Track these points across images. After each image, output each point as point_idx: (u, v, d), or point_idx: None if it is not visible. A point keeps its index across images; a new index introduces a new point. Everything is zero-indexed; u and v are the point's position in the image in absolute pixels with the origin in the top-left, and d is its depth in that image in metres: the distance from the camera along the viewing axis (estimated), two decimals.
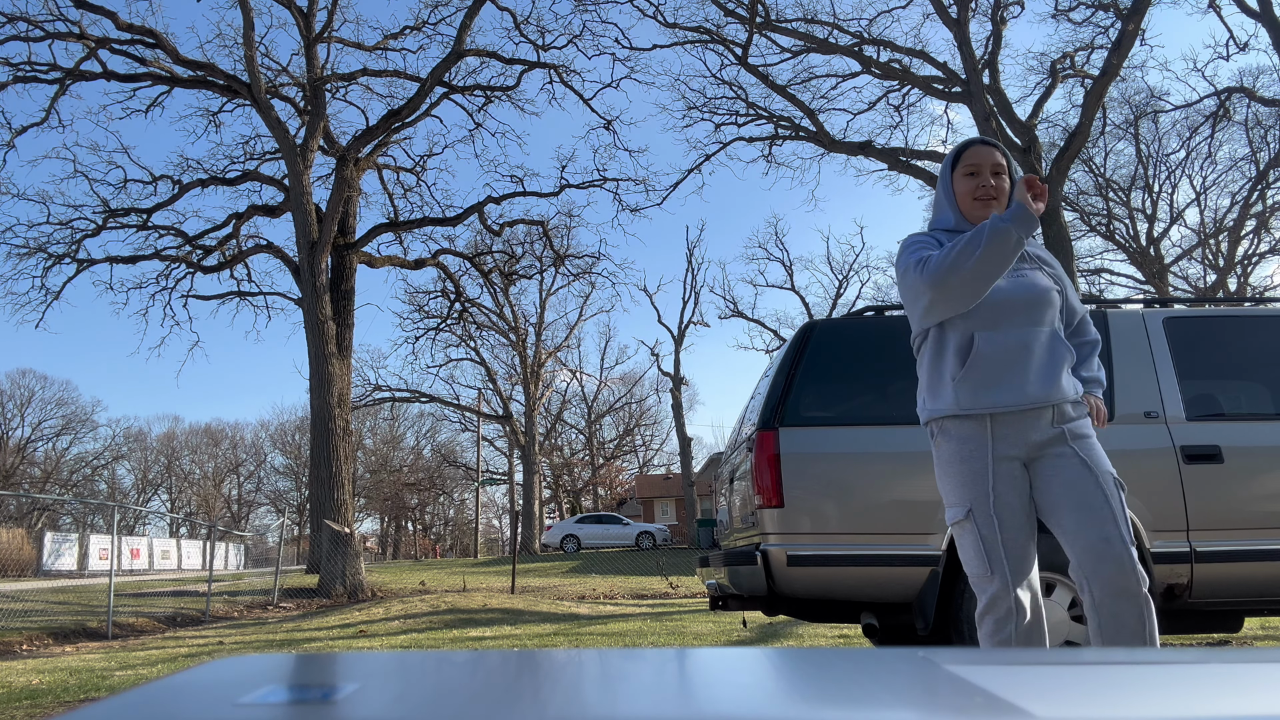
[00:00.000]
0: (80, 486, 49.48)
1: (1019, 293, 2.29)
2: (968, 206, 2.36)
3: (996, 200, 2.34)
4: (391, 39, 19.05)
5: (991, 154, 2.37)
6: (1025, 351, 2.26)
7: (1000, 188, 2.35)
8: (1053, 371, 2.27)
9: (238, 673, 0.59)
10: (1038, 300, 2.29)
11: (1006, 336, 2.27)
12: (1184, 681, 0.56)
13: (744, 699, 0.51)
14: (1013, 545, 2.24)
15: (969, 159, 2.37)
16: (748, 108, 20.18)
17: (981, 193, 2.33)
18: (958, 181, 2.39)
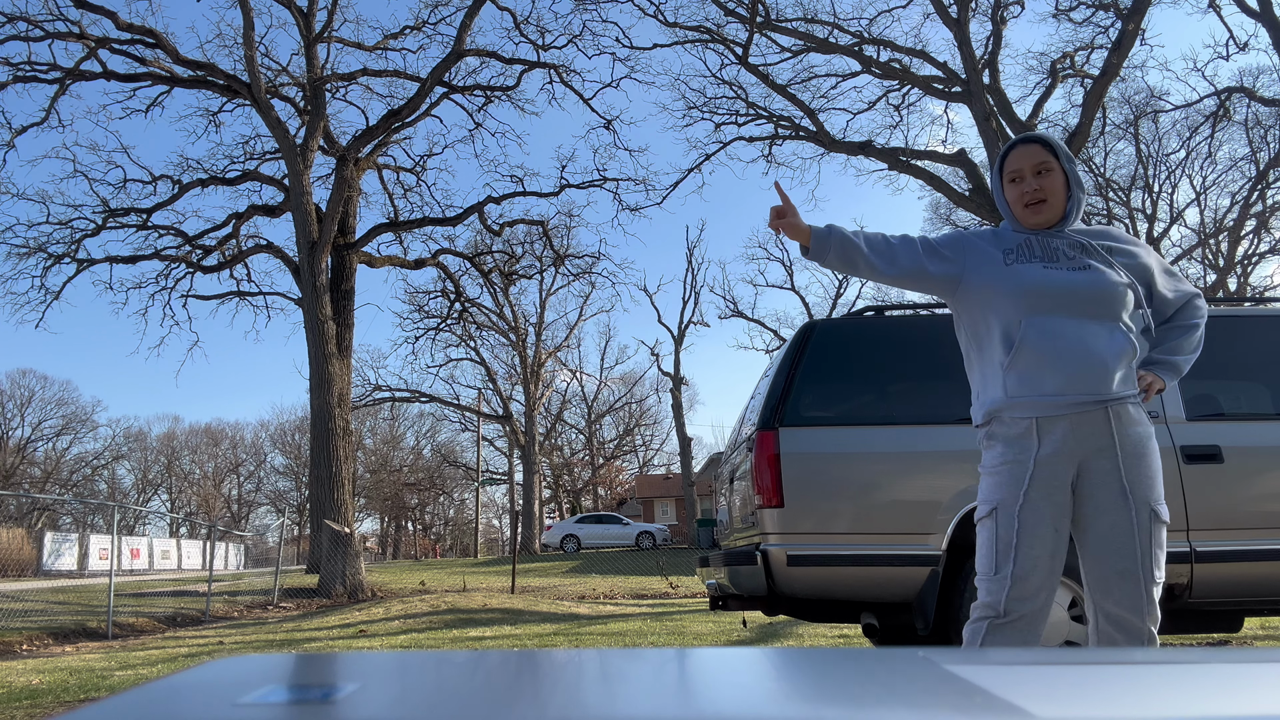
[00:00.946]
0: (80, 486, 49.48)
1: (1085, 285, 2.18)
2: (1020, 213, 2.30)
3: (1046, 201, 2.26)
4: (391, 39, 19.06)
5: (1031, 153, 2.29)
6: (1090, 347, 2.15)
7: (1049, 186, 2.26)
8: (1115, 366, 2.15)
9: (238, 673, 0.59)
10: (1096, 295, 2.17)
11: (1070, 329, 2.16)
12: (1184, 681, 0.56)
13: (744, 699, 0.51)
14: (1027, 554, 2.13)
15: (1010, 165, 2.32)
16: (748, 107, 20.18)
17: (1029, 198, 2.27)
18: (1006, 190, 2.34)
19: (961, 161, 17.66)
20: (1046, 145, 2.30)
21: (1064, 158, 2.30)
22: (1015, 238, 2.32)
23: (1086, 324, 2.17)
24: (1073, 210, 2.30)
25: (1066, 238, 2.28)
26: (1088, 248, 2.26)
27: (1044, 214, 2.27)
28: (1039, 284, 2.19)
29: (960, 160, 17.70)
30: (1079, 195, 2.31)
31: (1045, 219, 2.28)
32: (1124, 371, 2.18)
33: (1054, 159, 2.29)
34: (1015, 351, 2.18)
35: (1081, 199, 2.33)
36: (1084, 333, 2.16)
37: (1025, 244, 2.29)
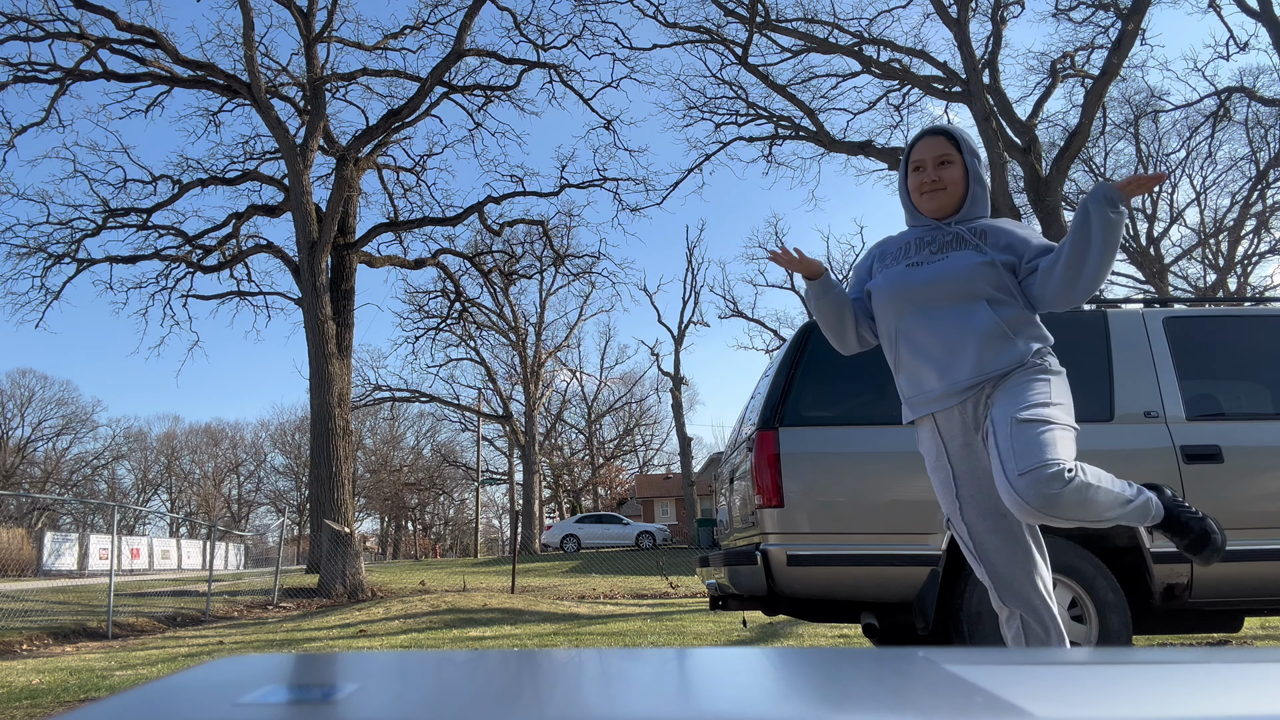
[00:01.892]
0: (80, 486, 49.48)
1: (936, 276, 2.20)
2: (917, 200, 2.33)
3: (944, 190, 2.29)
4: (391, 39, 19.05)
5: (934, 145, 2.31)
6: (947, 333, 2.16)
7: (948, 176, 2.28)
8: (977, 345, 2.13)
9: (238, 673, 0.59)
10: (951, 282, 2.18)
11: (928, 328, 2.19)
12: (1184, 681, 0.56)
13: (744, 699, 0.51)
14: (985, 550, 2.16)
15: (914, 155, 2.35)
16: (748, 107, 20.19)
17: (925, 186, 2.30)
18: (909, 178, 2.36)
19: None
20: (950, 138, 2.33)
21: (967, 152, 2.33)
22: (898, 241, 2.36)
23: (947, 313, 2.18)
24: (969, 204, 2.31)
25: (951, 231, 2.28)
26: (961, 238, 2.26)
27: (938, 201, 2.30)
28: (899, 286, 2.25)
29: None
30: (976, 190, 2.32)
31: (938, 205, 2.30)
32: (996, 346, 2.13)
33: (957, 152, 2.32)
34: (896, 356, 2.27)
35: (980, 194, 2.33)
36: (946, 322, 2.17)
37: (904, 246, 2.33)
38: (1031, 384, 2.08)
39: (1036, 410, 2.02)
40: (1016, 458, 1.96)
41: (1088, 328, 4.16)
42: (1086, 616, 3.70)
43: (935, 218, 2.32)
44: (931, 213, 2.31)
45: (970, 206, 2.31)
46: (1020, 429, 1.99)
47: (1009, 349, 2.13)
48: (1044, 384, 2.08)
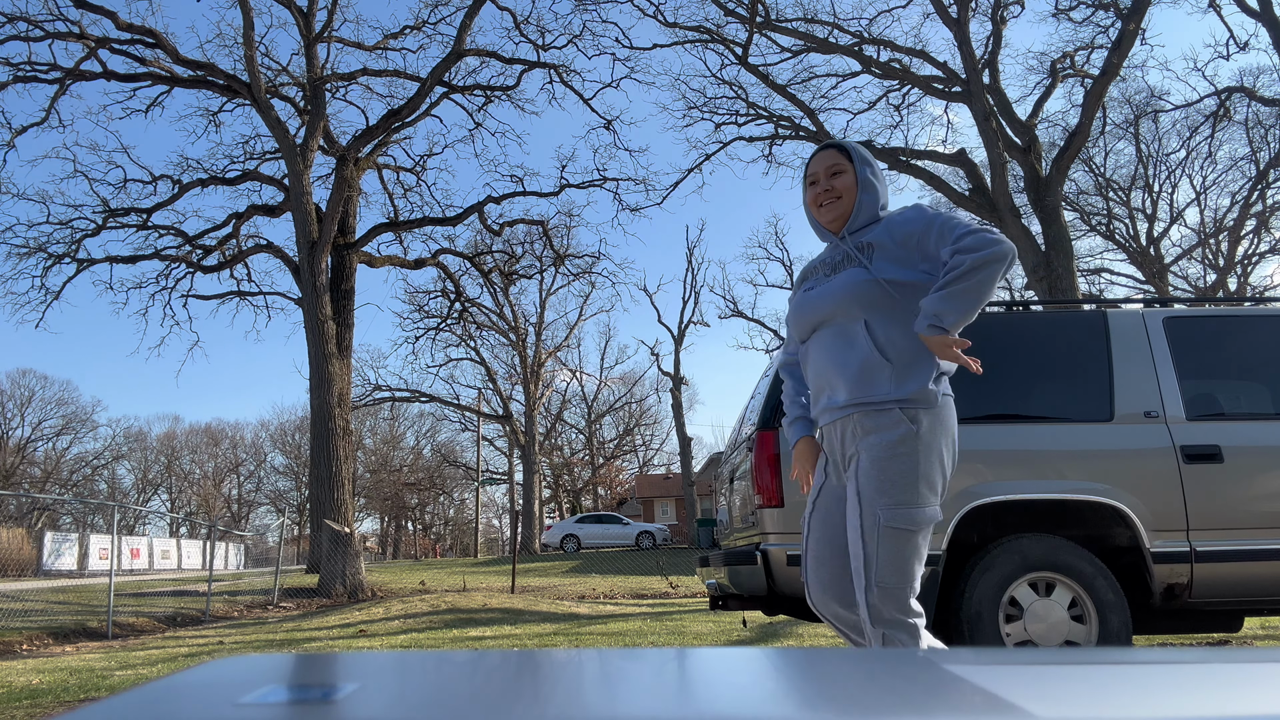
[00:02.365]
0: (80, 486, 49.48)
1: (822, 298, 2.32)
2: (815, 212, 2.42)
3: (840, 199, 2.36)
4: (391, 39, 19.06)
5: (825, 158, 2.40)
6: (828, 354, 2.28)
7: (840, 185, 2.36)
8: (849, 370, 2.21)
9: (238, 673, 0.59)
10: (830, 300, 2.28)
11: (816, 344, 2.33)
12: (1184, 681, 0.56)
13: (744, 699, 0.51)
14: (816, 558, 2.31)
15: (809, 170, 2.43)
16: (748, 107, 20.18)
17: (819, 198, 2.38)
18: (806, 193, 2.45)
19: (961, 161, 17.66)
20: (842, 150, 2.41)
21: (858, 161, 2.39)
22: (815, 261, 2.48)
23: (834, 335, 2.29)
24: (856, 211, 2.36)
25: (842, 249, 2.37)
26: (849, 256, 2.33)
27: (835, 211, 2.37)
28: (799, 310, 2.39)
29: (960, 160, 17.70)
30: (864, 198, 2.36)
31: (836, 215, 2.38)
32: (869, 376, 2.19)
33: (848, 162, 2.39)
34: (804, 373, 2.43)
35: (866, 200, 2.37)
36: (830, 345, 2.28)
37: (814, 268, 2.46)
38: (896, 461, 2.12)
39: (900, 513, 2.10)
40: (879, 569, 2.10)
41: (1088, 328, 4.16)
42: (1086, 616, 3.70)
43: (834, 229, 2.40)
44: (830, 224, 2.39)
45: (857, 214, 2.37)
46: (888, 538, 2.10)
47: (881, 379, 2.18)
48: (909, 462, 2.11)
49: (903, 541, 2.10)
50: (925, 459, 2.13)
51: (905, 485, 2.11)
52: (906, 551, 2.10)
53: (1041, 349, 4.13)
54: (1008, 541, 3.77)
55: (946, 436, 2.18)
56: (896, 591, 2.10)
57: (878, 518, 2.11)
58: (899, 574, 2.10)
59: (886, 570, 2.10)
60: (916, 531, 2.11)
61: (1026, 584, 3.75)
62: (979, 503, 3.79)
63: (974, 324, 4.23)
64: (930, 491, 2.14)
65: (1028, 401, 4.01)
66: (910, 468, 2.11)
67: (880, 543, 2.10)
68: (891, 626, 2.10)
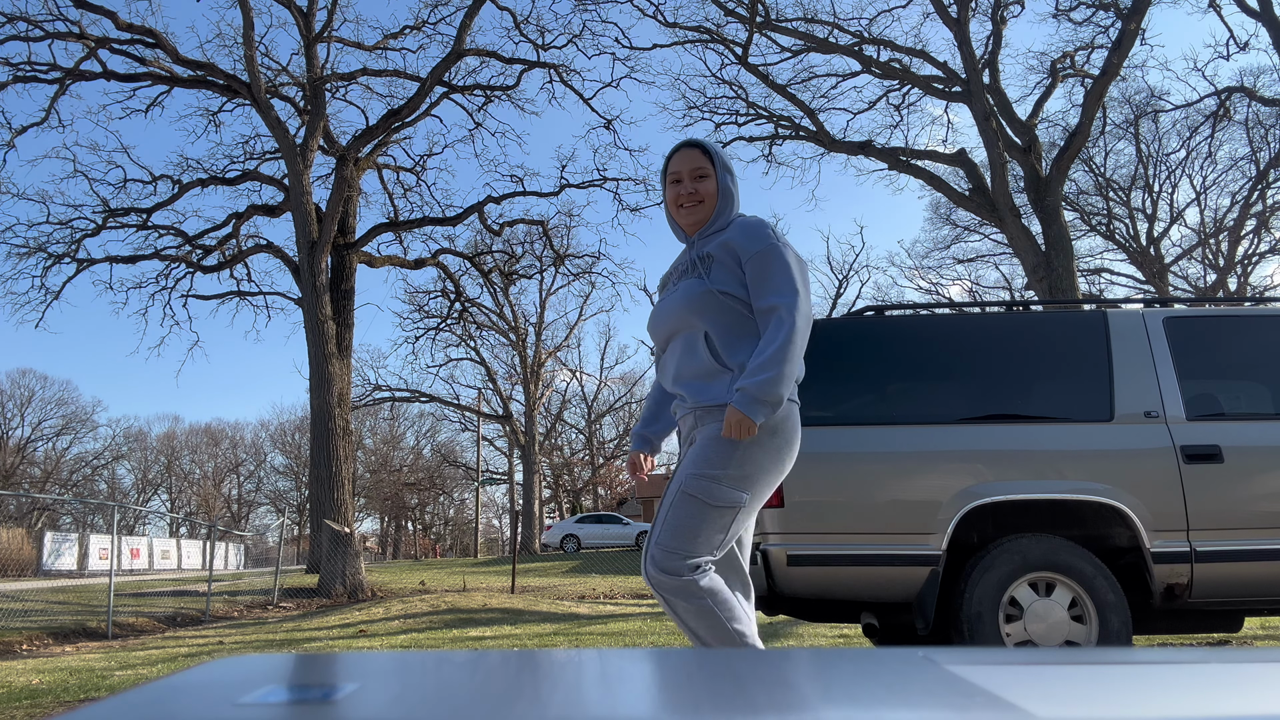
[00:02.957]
0: (80, 486, 49.48)
1: (666, 310, 2.37)
2: (675, 212, 2.41)
3: (701, 204, 2.36)
4: (391, 39, 19.06)
5: (691, 157, 2.38)
6: (675, 364, 2.34)
7: (703, 190, 2.37)
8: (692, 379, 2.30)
9: (238, 673, 0.59)
10: (672, 312, 2.34)
11: (669, 359, 2.40)
12: (1184, 681, 0.56)
13: (745, 699, 0.51)
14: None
15: (671, 167, 2.41)
16: (748, 107, 20.18)
17: (682, 200, 2.38)
18: (667, 191, 2.43)
19: (961, 161, 17.66)
20: (706, 152, 2.40)
21: (720, 167, 2.40)
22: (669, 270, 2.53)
23: (681, 344, 2.35)
24: (714, 219, 2.39)
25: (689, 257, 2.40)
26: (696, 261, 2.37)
27: (696, 215, 2.39)
28: (650, 324, 2.45)
29: (960, 160, 17.70)
30: (722, 206, 2.39)
31: (696, 220, 2.39)
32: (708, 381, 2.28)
33: (711, 166, 2.39)
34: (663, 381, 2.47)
35: (724, 207, 2.40)
36: (679, 355, 2.35)
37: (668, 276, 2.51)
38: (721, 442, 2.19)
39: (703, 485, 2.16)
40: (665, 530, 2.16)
41: (1088, 328, 4.16)
42: (1086, 616, 3.70)
43: (690, 233, 2.41)
44: (689, 227, 2.40)
45: (712, 222, 2.40)
46: (681, 503, 2.16)
47: (719, 385, 2.25)
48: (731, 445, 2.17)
49: (693, 509, 2.16)
50: (747, 447, 2.18)
51: (718, 463, 2.18)
52: (694, 520, 2.15)
53: (1041, 349, 4.13)
54: (1008, 541, 3.77)
55: (779, 438, 2.22)
56: (671, 553, 2.14)
57: (681, 484, 2.20)
58: (679, 537, 2.15)
59: (669, 531, 2.16)
60: (710, 504, 2.15)
61: (1026, 584, 3.75)
62: (979, 503, 3.79)
63: (974, 324, 4.23)
64: (740, 476, 2.18)
65: (1028, 401, 4.01)
66: (729, 450, 2.18)
67: (674, 505, 2.18)
68: (666, 589, 2.13)
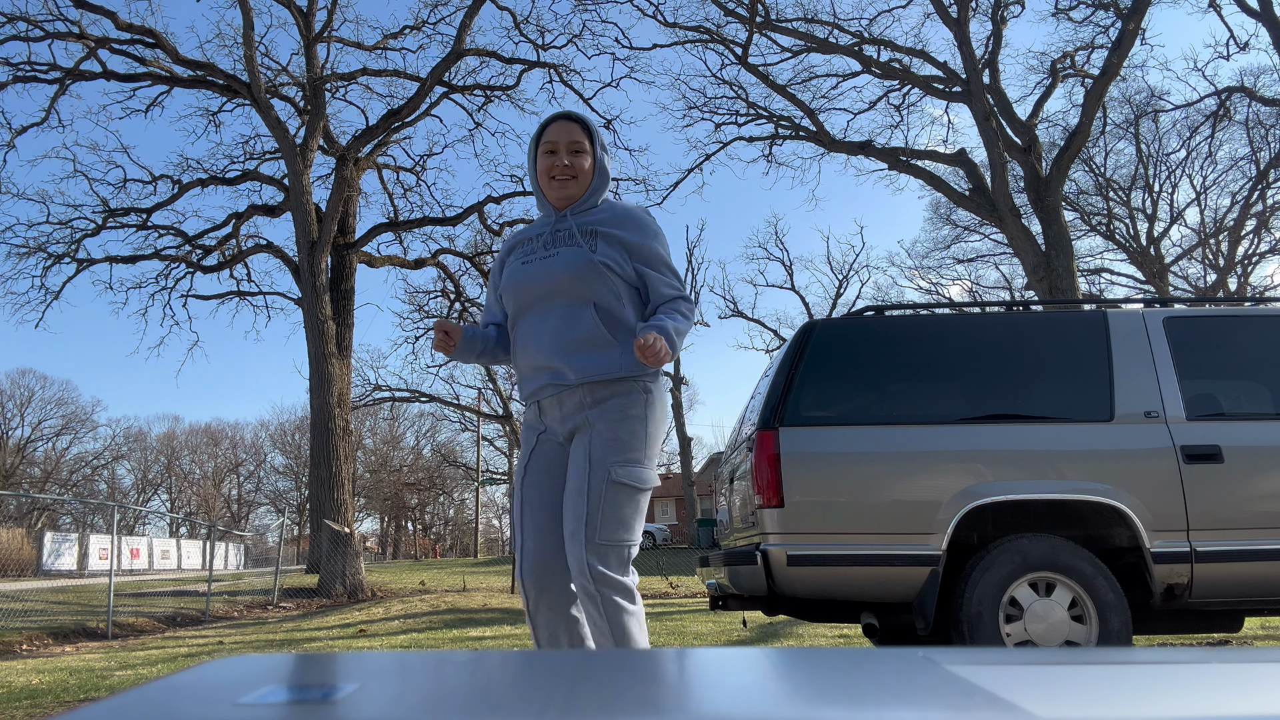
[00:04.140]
0: (80, 486, 49.47)
1: (543, 275, 2.26)
2: (546, 186, 2.33)
3: (575, 179, 2.30)
4: (391, 39, 19.06)
5: (570, 130, 2.32)
6: (553, 334, 2.23)
7: (578, 165, 2.30)
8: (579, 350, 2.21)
9: (238, 673, 0.59)
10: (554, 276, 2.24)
11: (537, 321, 2.27)
12: (1184, 681, 0.56)
13: (744, 699, 0.51)
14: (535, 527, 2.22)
15: (547, 137, 2.33)
16: (748, 107, 20.18)
17: (556, 172, 2.30)
18: (539, 159, 2.34)
19: (961, 161, 17.66)
20: (585, 128, 2.35)
21: (599, 144, 2.37)
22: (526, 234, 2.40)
23: (554, 311, 2.25)
24: (589, 194, 2.35)
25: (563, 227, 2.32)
26: (576, 233, 2.30)
27: (569, 190, 2.32)
28: (516, 282, 2.30)
29: (960, 160, 17.70)
30: (598, 183, 2.36)
31: (568, 194, 2.33)
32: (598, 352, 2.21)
33: (589, 143, 2.35)
34: (514, 348, 2.36)
35: (600, 185, 2.37)
36: (555, 325, 2.24)
37: (525, 239, 2.38)
38: (630, 422, 2.18)
39: (631, 470, 2.15)
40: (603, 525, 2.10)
41: (1088, 328, 4.16)
42: (1086, 616, 3.70)
43: (559, 206, 2.34)
44: (558, 201, 2.33)
45: (587, 198, 2.35)
46: (613, 492, 2.12)
47: (611, 356, 2.21)
48: (640, 424, 2.19)
49: (627, 498, 2.13)
50: (653, 425, 2.21)
51: (636, 445, 2.17)
52: (630, 509, 2.13)
53: (1041, 349, 4.13)
54: (1008, 541, 3.77)
55: (663, 410, 2.28)
56: (618, 548, 2.11)
57: (608, 473, 2.13)
58: (624, 530, 2.12)
59: (611, 526, 2.10)
60: (640, 490, 2.16)
61: (1026, 584, 3.75)
62: (979, 503, 3.79)
63: (974, 324, 4.23)
64: (653, 456, 2.21)
65: (1028, 401, 4.01)
66: (641, 430, 2.19)
67: (605, 498, 2.11)
68: (610, 586, 2.08)
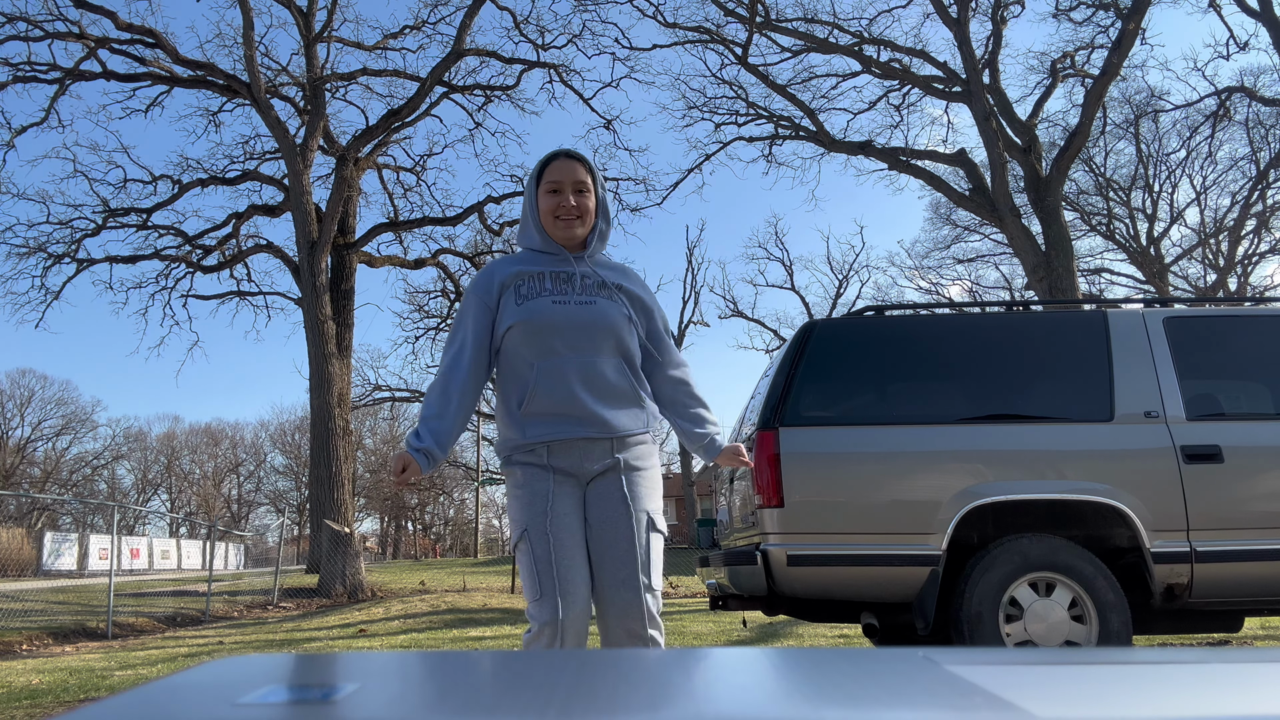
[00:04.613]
0: (80, 486, 49.47)
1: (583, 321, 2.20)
2: (550, 225, 2.26)
3: (580, 219, 2.24)
4: (391, 39, 19.06)
5: (574, 169, 2.26)
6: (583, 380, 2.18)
7: (583, 206, 2.25)
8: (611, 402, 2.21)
9: (238, 673, 0.59)
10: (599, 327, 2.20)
11: (564, 364, 2.18)
12: (1184, 681, 0.56)
13: (744, 699, 0.51)
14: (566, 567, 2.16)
15: (550, 175, 2.26)
16: (748, 107, 20.18)
17: (563, 212, 2.23)
18: (541, 198, 2.27)
19: (961, 161, 17.67)
20: (587, 167, 2.30)
21: (599, 184, 2.32)
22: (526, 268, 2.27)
23: (590, 360, 2.19)
24: (596, 239, 2.30)
25: (590, 275, 2.27)
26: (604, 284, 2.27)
27: (575, 230, 2.25)
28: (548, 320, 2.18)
29: (960, 160, 17.70)
30: (602, 226, 2.32)
31: (575, 235, 2.26)
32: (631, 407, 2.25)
33: (592, 183, 2.29)
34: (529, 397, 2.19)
35: (605, 230, 2.33)
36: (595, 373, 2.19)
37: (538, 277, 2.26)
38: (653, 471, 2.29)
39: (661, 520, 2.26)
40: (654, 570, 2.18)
41: (1088, 328, 4.16)
42: (1086, 616, 3.70)
43: (567, 246, 2.28)
44: (565, 241, 2.26)
45: (597, 243, 2.32)
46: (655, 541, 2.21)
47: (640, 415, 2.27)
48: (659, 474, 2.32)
49: (659, 545, 2.21)
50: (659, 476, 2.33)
51: (659, 494, 2.27)
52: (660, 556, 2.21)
53: (1041, 349, 4.13)
54: (1008, 541, 3.77)
55: None
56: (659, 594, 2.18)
57: (650, 520, 2.19)
58: (660, 575, 2.20)
59: (658, 572, 2.19)
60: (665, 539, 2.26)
61: (1026, 584, 3.75)
62: (979, 503, 3.79)
63: (974, 324, 4.23)
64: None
65: (1028, 401, 4.01)
66: (659, 480, 2.30)
67: (651, 545, 2.18)
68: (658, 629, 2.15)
